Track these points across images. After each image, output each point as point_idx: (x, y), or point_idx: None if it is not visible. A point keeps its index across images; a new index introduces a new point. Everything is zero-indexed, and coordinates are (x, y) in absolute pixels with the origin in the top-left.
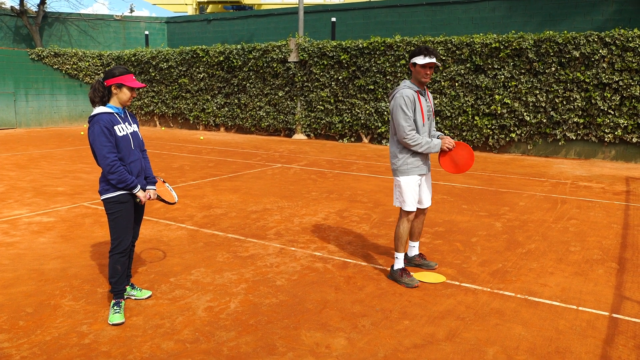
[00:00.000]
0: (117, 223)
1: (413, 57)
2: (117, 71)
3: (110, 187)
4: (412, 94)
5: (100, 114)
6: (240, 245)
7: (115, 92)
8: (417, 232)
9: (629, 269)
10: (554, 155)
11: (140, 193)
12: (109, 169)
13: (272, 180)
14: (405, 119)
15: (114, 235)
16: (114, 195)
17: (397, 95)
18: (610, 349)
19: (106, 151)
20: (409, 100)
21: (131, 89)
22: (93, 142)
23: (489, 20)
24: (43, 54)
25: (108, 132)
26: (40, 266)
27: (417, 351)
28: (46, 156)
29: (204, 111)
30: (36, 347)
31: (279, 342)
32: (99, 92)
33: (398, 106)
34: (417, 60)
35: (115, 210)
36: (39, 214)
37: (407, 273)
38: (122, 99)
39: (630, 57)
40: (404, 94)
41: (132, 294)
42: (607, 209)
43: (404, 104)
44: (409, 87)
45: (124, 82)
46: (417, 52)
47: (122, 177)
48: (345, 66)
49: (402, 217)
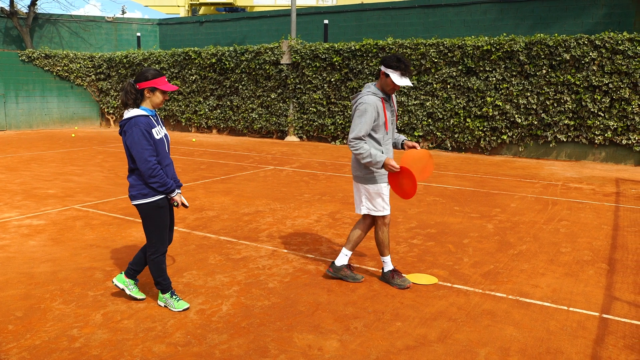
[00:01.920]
0: (156, 227)
1: (388, 67)
2: (150, 74)
3: (149, 191)
4: (376, 101)
5: (137, 116)
6: (233, 248)
7: (149, 95)
8: (358, 241)
9: (618, 269)
10: (545, 157)
11: (177, 197)
12: (150, 172)
13: (265, 182)
14: (360, 128)
15: (154, 239)
16: (153, 200)
17: (360, 101)
18: (600, 349)
19: (147, 154)
20: (372, 108)
21: (164, 92)
22: (132, 145)
23: (480, 23)
24: (34, 55)
25: (148, 135)
26: (30, 269)
27: (409, 353)
28: (36, 158)
29: (196, 113)
30: (26, 352)
31: (271, 344)
32: (132, 95)
33: (358, 113)
34: (393, 77)
35: (154, 214)
36: (29, 217)
37: (399, 274)
38: (155, 102)
39: (620, 60)
40: (368, 102)
41: (130, 288)
42: (598, 210)
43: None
44: (373, 94)
45: (157, 85)
46: (393, 65)
47: (163, 180)
48: (337, 68)
49: (379, 223)
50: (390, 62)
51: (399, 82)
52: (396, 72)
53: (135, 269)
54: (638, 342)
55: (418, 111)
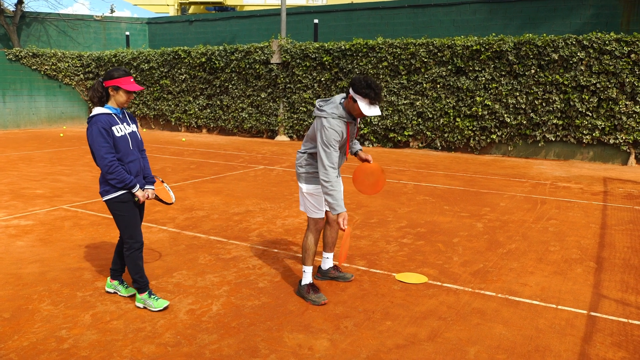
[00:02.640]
0: (125, 222)
1: (357, 93)
2: (116, 73)
3: (110, 187)
4: (342, 127)
5: (98, 114)
6: (223, 248)
7: (113, 93)
8: (331, 242)
9: (606, 267)
10: (533, 156)
11: (139, 192)
12: (107, 169)
13: (255, 182)
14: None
15: (127, 234)
16: (115, 195)
17: (327, 127)
18: (588, 347)
19: (104, 152)
20: (337, 135)
21: (128, 92)
22: (92, 143)
23: (470, 23)
24: (21, 54)
25: (106, 133)
26: (17, 270)
27: (399, 351)
28: (24, 158)
29: (185, 113)
30: (13, 353)
31: (261, 344)
32: (98, 93)
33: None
34: (361, 105)
35: (119, 210)
36: (17, 217)
37: (315, 289)
38: (118, 101)
39: (607, 60)
40: (334, 127)
41: (118, 289)
42: (586, 209)
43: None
44: (339, 118)
45: (120, 84)
46: (362, 92)
47: (120, 176)
48: (327, 68)
49: (310, 227)
50: (359, 87)
51: (366, 112)
52: (364, 99)
53: (114, 269)
54: (625, 340)
55: (408, 111)
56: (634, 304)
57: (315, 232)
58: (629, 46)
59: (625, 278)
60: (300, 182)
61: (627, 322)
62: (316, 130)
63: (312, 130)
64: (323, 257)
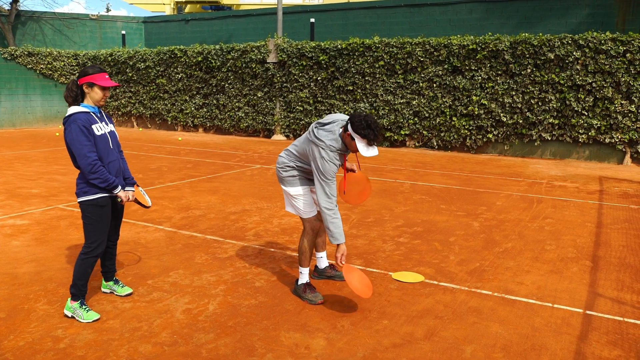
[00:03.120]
0: (94, 227)
1: (356, 132)
2: (91, 70)
3: (90, 188)
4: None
5: (76, 113)
6: (219, 247)
7: (87, 91)
8: (320, 241)
9: (602, 266)
10: (530, 155)
11: (121, 193)
12: (90, 168)
13: (251, 181)
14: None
15: (91, 239)
16: (93, 197)
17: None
18: (584, 345)
19: (86, 150)
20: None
21: (103, 89)
22: (71, 142)
23: (466, 22)
24: (16, 53)
25: (87, 131)
26: (13, 270)
27: (396, 350)
28: (20, 157)
29: (182, 112)
30: (9, 353)
31: (258, 343)
32: (72, 92)
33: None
34: (359, 146)
35: (94, 213)
36: (13, 217)
37: (312, 288)
38: (94, 99)
39: (603, 60)
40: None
41: (114, 289)
42: (581, 208)
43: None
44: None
45: (95, 81)
46: (361, 133)
47: (103, 176)
48: (324, 67)
49: (306, 228)
50: (359, 128)
51: (364, 153)
52: (363, 140)
53: (105, 271)
54: (621, 338)
55: (404, 110)
56: (630, 303)
57: (312, 232)
58: (624, 45)
59: (621, 277)
60: (286, 186)
61: (623, 320)
62: (311, 157)
63: (302, 147)
64: (317, 256)
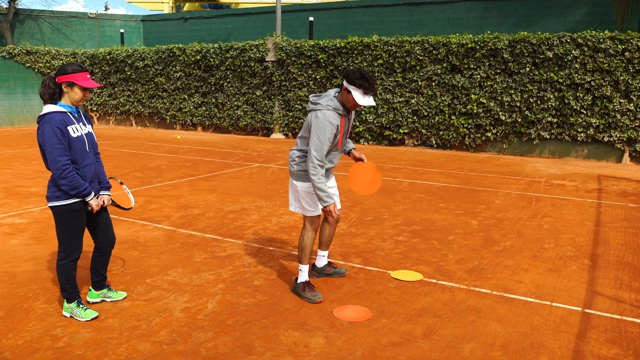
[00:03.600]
0: (69, 231)
1: (350, 84)
2: (70, 68)
3: (61, 193)
4: (337, 119)
5: (51, 113)
6: (218, 246)
7: (67, 90)
8: (327, 240)
9: (600, 265)
10: (528, 154)
11: (93, 202)
12: (59, 173)
13: (250, 179)
14: (323, 148)
15: (65, 245)
16: (65, 203)
17: (322, 118)
18: (582, 344)
19: (57, 154)
20: (331, 127)
21: (84, 89)
22: (43, 143)
23: (465, 21)
24: (14, 51)
25: (60, 133)
26: (12, 269)
27: (394, 349)
28: (18, 156)
29: (180, 110)
30: (8, 352)
31: (257, 342)
32: (49, 89)
33: (318, 130)
34: (354, 95)
35: (66, 219)
36: (11, 216)
37: (311, 287)
38: (73, 99)
39: (602, 58)
40: (328, 119)
41: (109, 296)
42: (580, 206)
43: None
44: (334, 110)
45: (75, 80)
46: (356, 83)
47: (74, 182)
48: (323, 65)
49: (307, 226)
50: (353, 78)
51: (361, 102)
52: (358, 89)
53: (97, 280)
54: (619, 336)
55: (403, 108)
56: (628, 301)
57: (312, 230)
58: (623, 44)
59: (619, 275)
60: (295, 180)
61: (621, 318)
62: (309, 124)
63: (305, 126)
64: (318, 254)
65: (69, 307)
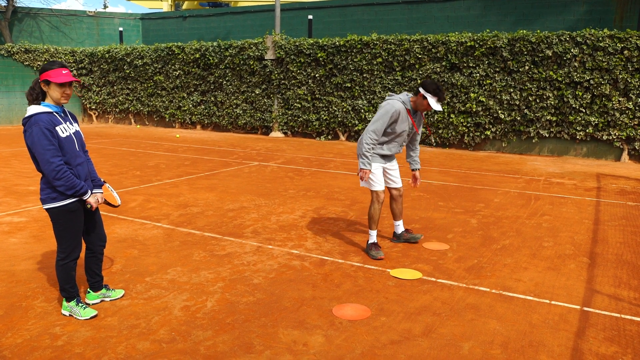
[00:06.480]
0: (67, 232)
1: (427, 91)
2: (48, 66)
3: (57, 195)
4: (400, 108)
5: (37, 114)
6: (217, 244)
7: (46, 89)
8: (398, 212)
9: (599, 263)
10: (527, 152)
11: (91, 199)
12: (54, 174)
13: (249, 178)
14: (380, 125)
15: (64, 245)
16: (62, 204)
17: (388, 103)
18: (581, 342)
19: (49, 155)
20: (393, 112)
21: (61, 85)
22: (33, 146)
23: (464, 19)
24: (13, 50)
25: (50, 134)
26: (11, 267)
27: (394, 347)
28: (17, 155)
29: (179, 109)
30: (7, 350)
31: (256, 340)
32: (34, 91)
33: (381, 110)
34: (430, 101)
35: (64, 220)
36: (10, 214)
37: (377, 247)
38: (53, 97)
39: (601, 57)
40: (393, 105)
41: (108, 295)
42: (579, 205)
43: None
44: (402, 102)
45: (50, 77)
46: (432, 91)
47: (70, 182)
48: (322, 64)
49: (373, 199)
50: (430, 88)
51: (434, 107)
52: (434, 97)
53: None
54: (618, 334)
55: None
56: (627, 299)
57: (377, 202)
58: (622, 43)
59: (618, 273)
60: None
61: (620, 317)
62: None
63: None
64: (395, 224)
65: (68, 306)
